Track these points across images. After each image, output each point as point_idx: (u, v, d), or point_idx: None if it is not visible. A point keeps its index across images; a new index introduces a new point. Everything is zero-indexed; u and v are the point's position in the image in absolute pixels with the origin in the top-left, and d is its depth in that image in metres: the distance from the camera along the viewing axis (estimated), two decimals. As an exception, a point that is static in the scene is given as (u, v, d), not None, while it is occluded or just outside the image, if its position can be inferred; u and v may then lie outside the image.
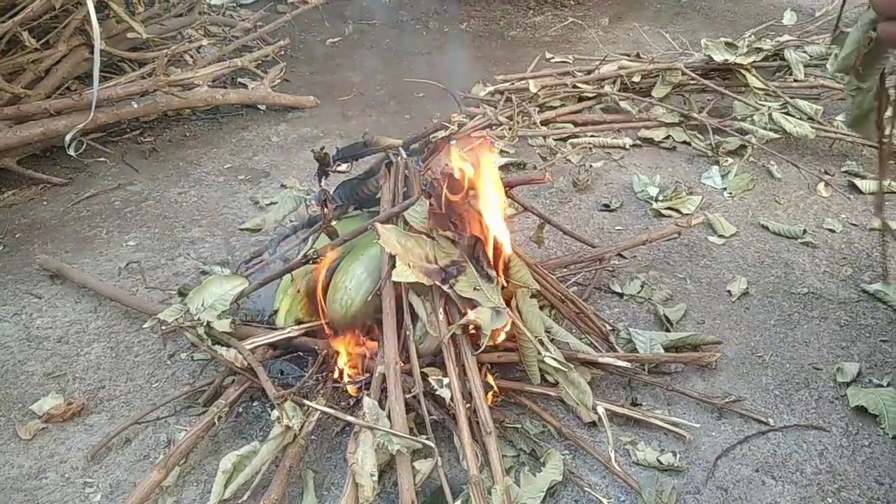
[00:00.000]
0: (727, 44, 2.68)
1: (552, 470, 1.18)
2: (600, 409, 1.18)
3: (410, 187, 1.37)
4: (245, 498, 1.19)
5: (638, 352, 1.44)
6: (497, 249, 1.25)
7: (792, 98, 2.45)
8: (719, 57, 2.63)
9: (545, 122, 2.65)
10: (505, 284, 1.25)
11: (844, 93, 1.09)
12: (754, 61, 2.65)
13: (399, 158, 1.41)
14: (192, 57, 3.15)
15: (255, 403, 1.41)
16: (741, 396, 1.39)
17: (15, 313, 1.73)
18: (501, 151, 2.48)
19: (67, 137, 2.31)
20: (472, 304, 1.21)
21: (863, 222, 1.98)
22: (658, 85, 2.70)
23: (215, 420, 1.27)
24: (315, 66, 3.70)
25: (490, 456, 1.09)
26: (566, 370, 1.17)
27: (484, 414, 1.11)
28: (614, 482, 1.21)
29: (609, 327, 1.52)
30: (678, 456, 1.24)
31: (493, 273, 1.21)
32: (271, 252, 1.57)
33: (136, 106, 2.54)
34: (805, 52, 2.65)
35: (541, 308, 1.39)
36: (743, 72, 2.63)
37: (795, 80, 2.61)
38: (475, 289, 1.20)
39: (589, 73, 2.86)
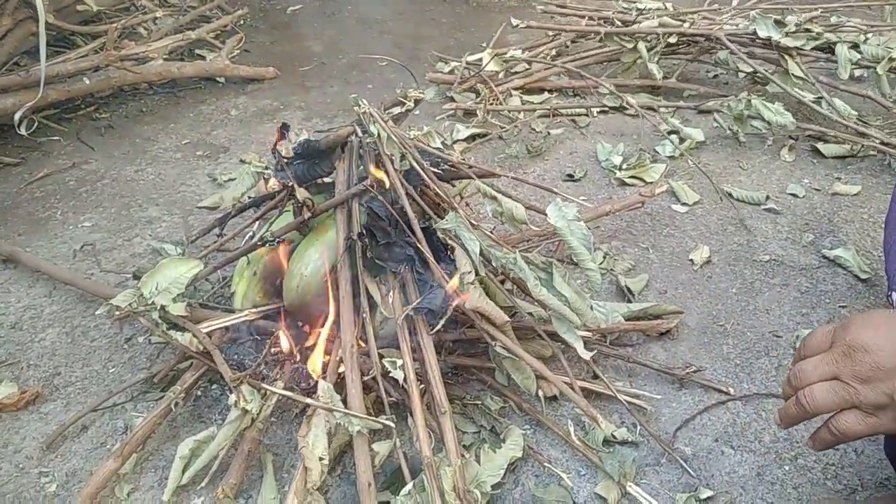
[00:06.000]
0: (776, 21, 2.41)
1: (512, 446, 1.17)
2: (541, 393, 1.19)
3: (366, 168, 1.34)
4: (204, 483, 1.18)
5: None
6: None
7: (830, 93, 2.25)
8: (764, 33, 2.38)
9: (517, 88, 2.62)
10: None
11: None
12: (801, 46, 2.38)
13: (355, 139, 1.37)
14: (146, 29, 3.06)
15: (213, 387, 1.40)
16: (702, 366, 1.40)
17: (-34, 300, 1.69)
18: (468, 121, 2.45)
19: (16, 116, 2.23)
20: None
21: (825, 187, 1.99)
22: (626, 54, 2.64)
23: (172, 406, 1.25)
24: (275, 35, 3.62)
25: (444, 436, 1.08)
26: (514, 358, 1.17)
27: (439, 394, 1.11)
28: (574, 456, 1.22)
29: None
30: (638, 428, 1.25)
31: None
32: (219, 232, 1.53)
33: (88, 82, 2.46)
34: (860, 50, 2.31)
35: (501, 283, 1.38)
36: (786, 56, 2.38)
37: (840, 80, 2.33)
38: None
39: (625, 24, 2.68)
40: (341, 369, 1.20)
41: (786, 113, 2.11)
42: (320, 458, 1.04)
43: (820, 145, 2.16)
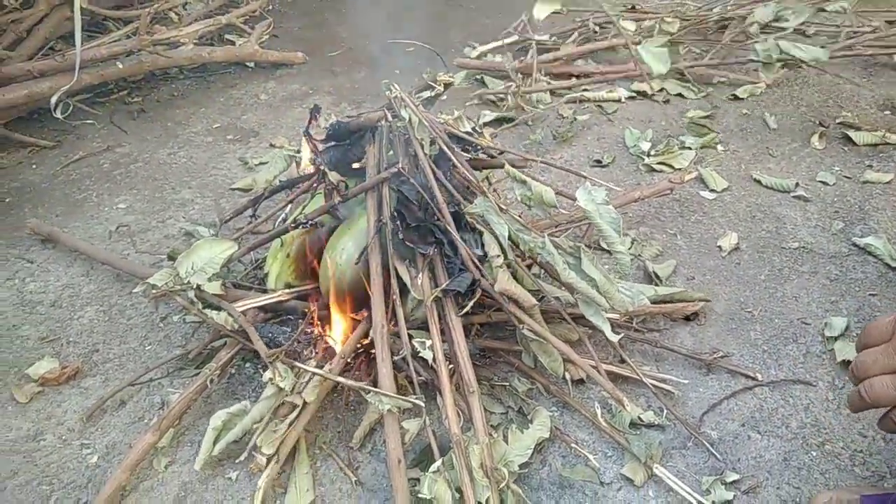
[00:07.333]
0: None
1: (539, 427, 1.19)
2: (568, 376, 1.21)
3: (396, 152, 1.35)
4: (242, 458, 1.21)
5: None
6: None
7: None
8: None
9: (546, 73, 2.62)
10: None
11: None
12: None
13: (385, 123, 1.39)
14: (177, 14, 3.09)
15: (247, 365, 1.43)
16: (729, 352, 1.40)
17: (7, 278, 1.73)
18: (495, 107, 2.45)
19: (53, 100, 2.28)
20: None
21: (856, 174, 1.97)
22: (656, 35, 2.63)
23: (208, 382, 1.28)
24: (303, 20, 3.64)
25: (473, 415, 1.10)
26: (541, 341, 1.18)
27: (467, 374, 1.13)
28: (601, 438, 1.23)
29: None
30: (665, 412, 1.26)
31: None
32: (252, 214, 1.55)
33: (121, 66, 2.50)
34: None
35: (529, 267, 1.39)
36: None
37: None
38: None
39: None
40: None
41: (818, 48, 2.02)
42: None
43: (851, 132, 2.14)
